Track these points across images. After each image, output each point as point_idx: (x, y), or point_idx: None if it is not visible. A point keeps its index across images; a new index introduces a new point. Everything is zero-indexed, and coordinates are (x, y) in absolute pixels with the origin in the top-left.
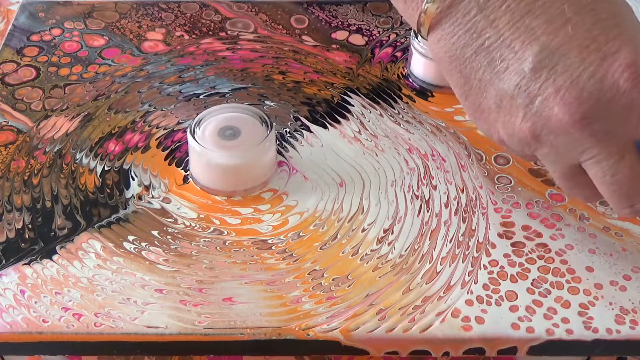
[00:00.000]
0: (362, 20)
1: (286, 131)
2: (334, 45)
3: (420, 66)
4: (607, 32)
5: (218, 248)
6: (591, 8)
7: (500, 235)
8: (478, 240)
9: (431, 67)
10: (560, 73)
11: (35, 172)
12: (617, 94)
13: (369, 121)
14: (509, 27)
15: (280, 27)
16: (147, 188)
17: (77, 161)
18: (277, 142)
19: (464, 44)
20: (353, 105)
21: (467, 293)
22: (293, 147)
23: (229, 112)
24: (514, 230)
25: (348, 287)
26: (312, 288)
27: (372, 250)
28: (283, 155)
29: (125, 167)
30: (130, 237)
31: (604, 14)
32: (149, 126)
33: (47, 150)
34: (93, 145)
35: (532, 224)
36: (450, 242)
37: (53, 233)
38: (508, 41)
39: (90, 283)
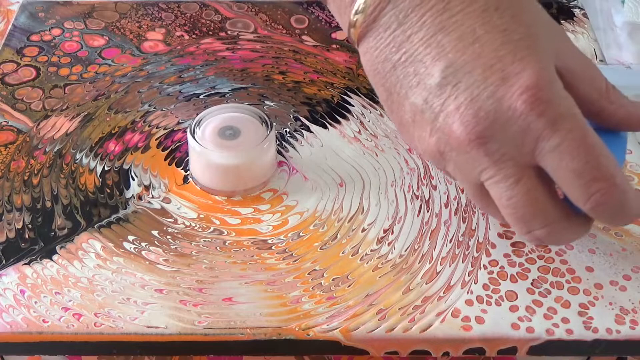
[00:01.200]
0: None
1: (286, 131)
2: (334, 45)
3: None
4: (514, 53)
5: (218, 248)
6: (503, 28)
7: (500, 235)
8: (478, 240)
9: None
10: (462, 90)
11: (35, 172)
12: (514, 116)
13: (369, 121)
14: (422, 42)
15: (280, 27)
16: (147, 188)
17: (77, 161)
18: (277, 142)
19: (385, 58)
20: (353, 105)
21: (467, 293)
22: (293, 147)
23: (229, 112)
24: (514, 230)
25: (348, 287)
26: (312, 288)
27: (372, 250)
28: (283, 155)
29: (125, 167)
30: (130, 237)
31: (515, 35)
32: (149, 126)
33: (47, 150)
34: (93, 145)
35: None
36: (450, 242)
37: (53, 233)
38: (420, 56)
39: (90, 283)
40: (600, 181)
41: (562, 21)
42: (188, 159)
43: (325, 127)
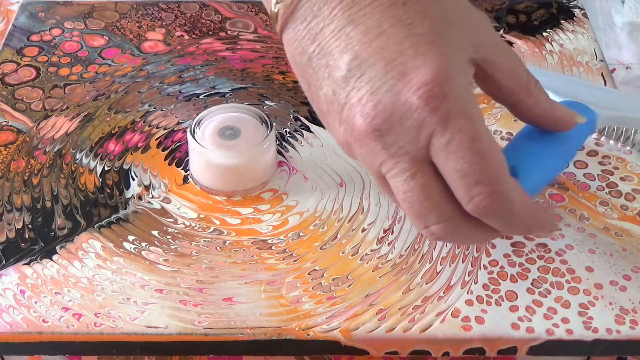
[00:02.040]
0: None
1: (286, 131)
2: None
3: None
4: (416, 47)
5: (218, 248)
6: (409, 22)
7: (500, 236)
8: None
9: None
10: (365, 83)
11: (35, 172)
12: (410, 110)
13: None
14: (333, 35)
15: None
16: (147, 188)
17: (77, 161)
18: (277, 142)
19: (302, 50)
20: None
21: (467, 293)
22: (293, 147)
23: (229, 112)
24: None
25: (348, 287)
26: (312, 288)
27: (372, 250)
28: (283, 155)
29: (125, 167)
30: (130, 237)
31: (420, 29)
32: (149, 126)
33: (47, 150)
34: (93, 145)
35: None
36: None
37: (53, 233)
38: (331, 49)
39: (90, 283)
40: (482, 185)
41: (562, 21)
42: (188, 159)
43: (325, 127)
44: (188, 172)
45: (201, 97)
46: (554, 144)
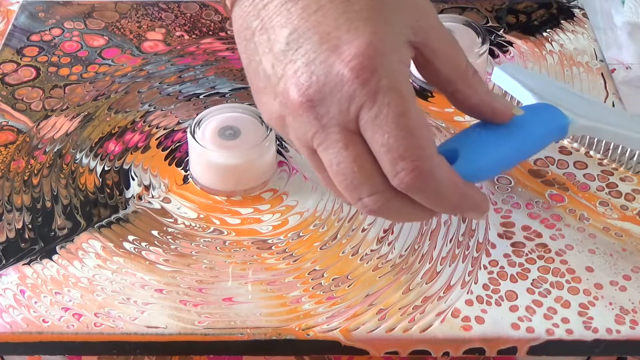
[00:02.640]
0: None
1: None
2: None
3: None
4: (351, 22)
5: (218, 248)
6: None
7: (500, 236)
8: (478, 241)
9: None
10: (301, 55)
11: (35, 172)
12: (341, 81)
13: None
14: (275, 10)
15: None
16: (147, 188)
17: (77, 161)
18: (277, 142)
19: (247, 26)
20: None
21: (467, 293)
22: (293, 147)
23: (229, 112)
24: (514, 230)
25: (348, 287)
26: (312, 288)
27: (372, 250)
28: (283, 155)
29: (125, 167)
30: (130, 237)
31: (357, 6)
32: (149, 126)
33: (47, 150)
34: (93, 145)
35: (532, 224)
36: (450, 242)
37: (53, 233)
38: (272, 24)
39: (90, 283)
40: (406, 160)
41: (562, 21)
42: (188, 159)
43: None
44: (188, 172)
45: (201, 97)
46: (507, 137)
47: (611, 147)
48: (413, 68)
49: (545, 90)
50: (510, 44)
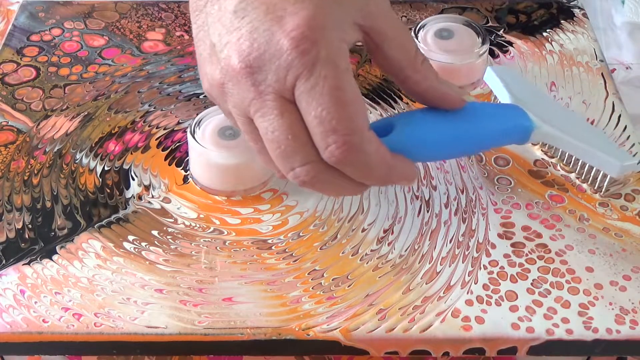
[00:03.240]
0: None
1: None
2: None
3: None
4: None
5: (218, 248)
6: None
7: (500, 236)
8: (478, 241)
9: None
10: (246, 24)
11: (35, 172)
12: (281, 50)
13: None
14: None
15: None
16: (147, 188)
17: (77, 161)
18: None
19: None
20: None
21: (467, 293)
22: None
23: None
24: (514, 230)
25: (348, 287)
26: (312, 288)
27: (372, 250)
28: None
29: (125, 167)
30: (130, 237)
31: None
32: (149, 126)
33: (47, 150)
34: (93, 145)
35: (532, 225)
36: (450, 242)
37: (53, 233)
38: None
39: (90, 283)
40: (337, 134)
41: (562, 21)
42: (188, 159)
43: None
44: (188, 172)
45: (201, 97)
46: (453, 123)
47: (586, 168)
48: None
49: (525, 95)
50: (510, 44)
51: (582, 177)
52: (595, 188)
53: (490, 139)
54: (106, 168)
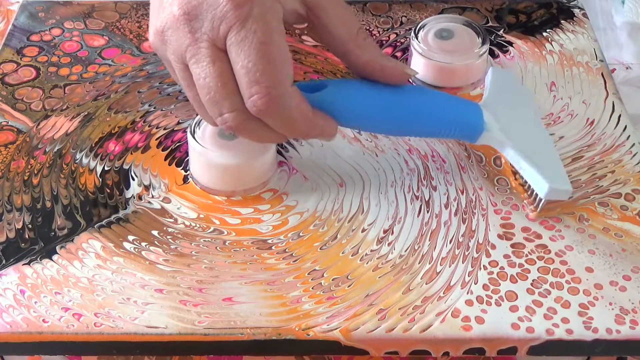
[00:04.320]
0: (362, 20)
1: None
2: None
3: (420, 66)
4: None
5: (218, 248)
6: None
7: (500, 236)
8: (478, 241)
9: (431, 68)
10: None
11: (35, 172)
12: (217, 1)
13: None
14: None
15: None
16: (147, 188)
17: (77, 161)
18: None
19: None
20: None
21: (467, 293)
22: (293, 147)
23: None
24: (514, 231)
25: (348, 287)
26: (312, 288)
27: (372, 251)
28: (283, 155)
29: (125, 167)
30: (130, 237)
31: None
32: (149, 126)
33: (47, 150)
34: (93, 145)
35: (531, 226)
36: (450, 242)
37: (53, 233)
38: None
39: (90, 283)
40: (260, 85)
41: (562, 21)
42: (188, 159)
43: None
44: (188, 172)
45: None
46: (390, 98)
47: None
48: (413, 67)
49: (503, 100)
50: (510, 44)
51: (527, 192)
52: (534, 205)
53: (432, 126)
54: (106, 168)
